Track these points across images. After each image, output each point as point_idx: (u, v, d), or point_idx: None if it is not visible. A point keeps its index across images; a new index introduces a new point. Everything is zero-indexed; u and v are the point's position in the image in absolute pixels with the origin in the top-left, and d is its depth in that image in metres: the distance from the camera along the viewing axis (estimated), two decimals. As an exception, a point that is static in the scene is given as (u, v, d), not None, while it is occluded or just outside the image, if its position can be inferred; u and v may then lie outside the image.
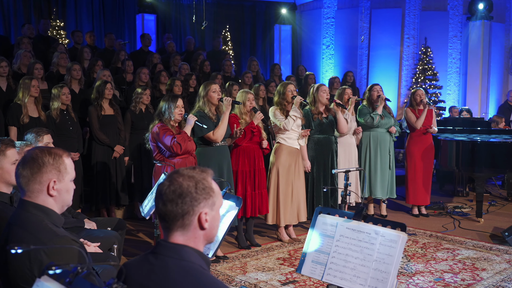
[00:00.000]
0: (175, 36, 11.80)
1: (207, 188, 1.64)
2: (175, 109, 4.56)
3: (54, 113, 5.92)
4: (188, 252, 1.61)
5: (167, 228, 1.63)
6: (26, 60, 7.16)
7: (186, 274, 1.55)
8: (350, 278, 2.45)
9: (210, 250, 2.81)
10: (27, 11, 10.15)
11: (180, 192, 1.60)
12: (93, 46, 9.39)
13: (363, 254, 2.46)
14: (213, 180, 1.70)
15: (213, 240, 1.72)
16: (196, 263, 1.59)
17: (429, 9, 11.87)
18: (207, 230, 1.66)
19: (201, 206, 1.62)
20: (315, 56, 12.84)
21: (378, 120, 6.79)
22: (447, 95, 11.90)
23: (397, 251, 2.38)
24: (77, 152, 6.07)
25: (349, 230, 2.55)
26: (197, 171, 1.66)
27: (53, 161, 2.09)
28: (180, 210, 1.60)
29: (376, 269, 2.40)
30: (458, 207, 7.60)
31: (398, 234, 2.41)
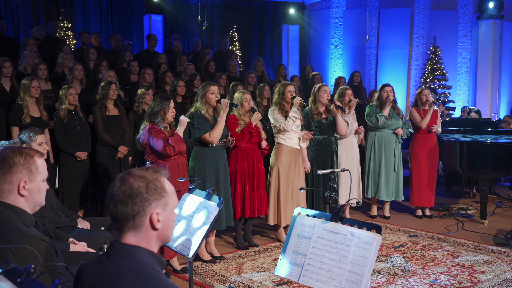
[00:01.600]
0: (183, 36, 11.84)
1: (158, 188, 1.64)
2: (168, 111, 4.56)
3: (62, 113, 5.97)
4: (139, 253, 1.61)
5: (119, 229, 1.64)
6: (32, 61, 7.24)
7: (136, 275, 1.55)
8: (325, 280, 2.44)
9: (190, 250, 2.82)
10: (35, 13, 10.27)
11: (130, 193, 1.60)
12: (99, 47, 9.47)
13: (339, 256, 2.44)
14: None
15: (169, 240, 1.72)
16: (147, 264, 1.58)
17: (439, 8, 11.74)
18: (160, 230, 1.65)
19: (152, 206, 1.62)
20: (323, 56, 12.79)
21: (384, 121, 6.74)
22: (456, 95, 11.76)
23: (372, 253, 2.36)
24: (85, 151, 6.12)
25: (326, 232, 2.53)
26: (149, 171, 1.66)
27: (24, 161, 2.10)
28: (130, 211, 1.60)
29: (351, 271, 2.38)
30: (463, 209, 7.51)
31: (373, 236, 2.39)
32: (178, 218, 3.12)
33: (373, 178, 6.90)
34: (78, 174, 6.08)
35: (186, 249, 2.87)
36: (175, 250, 2.96)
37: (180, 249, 2.91)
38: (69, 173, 6.03)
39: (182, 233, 2.98)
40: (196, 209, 2.99)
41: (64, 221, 4.08)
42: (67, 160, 6.01)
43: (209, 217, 2.85)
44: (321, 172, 3.45)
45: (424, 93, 6.96)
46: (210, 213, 2.86)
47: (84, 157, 6.05)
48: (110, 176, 6.42)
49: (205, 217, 2.86)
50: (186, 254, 2.85)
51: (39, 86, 5.95)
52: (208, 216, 2.85)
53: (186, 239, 2.91)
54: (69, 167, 6.03)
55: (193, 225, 2.93)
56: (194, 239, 2.84)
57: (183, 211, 3.08)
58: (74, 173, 6.05)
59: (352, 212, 7.25)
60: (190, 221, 2.96)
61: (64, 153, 6.01)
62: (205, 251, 5.21)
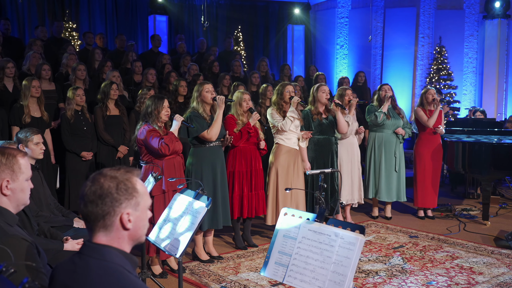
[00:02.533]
0: (188, 37, 11.88)
1: (129, 188, 1.64)
2: (162, 110, 4.57)
3: (69, 113, 6.01)
4: (110, 252, 1.62)
5: (90, 228, 1.65)
6: (35, 61, 7.29)
7: (105, 275, 1.55)
8: (309, 280, 2.44)
9: (178, 250, 2.83)
10: (41, 14, 10.35)
11: (101, 193, 1.61)
12: (103, 47, 9.52)
13: (323, 256, 2.44)
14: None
15: (141, 240, 1.73)
16: (117, 264, 1.59)
17: (445, 8, 11.66)
18: (131, 230, 1.66)
19: (122, 206, 1.62)
20: (329, 56, 12.76)
21: (383, 118, 6.70)
22: (463, 95, 11.67)
23: (355, 253, 2.35)
24: (91, 151, 6.17)
25: (311, 232, 2.53)
26: (121, 171, 1.67)
27: (6, 161, 2.12)
28: (100, 211, 1.61)
29: (334, 271, 2.38)
30: (466, 210, 7.46)
31: (357, 237, 2.38)
32: (167, 218, 3.13)
33: (373, 178, 6.87)
34: (83, 174, 6.12)
35: (174, 248, 2.88)
36: (164, 250, 2.97)
37: (169, 248, 2.93)
38: (74, 173, 6.07)
39: (171, 232, 2.99)
40: (185, 209, 3.00)
41: (60, 220, 4.11)
42: (73, 160, 6.05)
43: (197, 217, 2.85)
44: (310, 172, 3.45)
45: (430, 92, 6.91)
46: (198, 213, 2.87)
47: (90, 157, 6.10)
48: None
49: (194, 217, 2.87)
50: (174, 254, 2.86)
51: (40, 86, 5.99)
52: (196, 216, 2.86)
53: (175, 238, 2.92)
54: (74, 167, 6.08)
55: (181, 225, 2.94)
56: (182, 239, 2.85)
57: (173, 211, 3.09)
58: (79, 173, 6.09)
59: (354, 213, 7.22)
60: (179, 220, 2.98)
61: (70, 153, 6.06)
62: (203, 251, 5.23)
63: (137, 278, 1.61)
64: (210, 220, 5.04)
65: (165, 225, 3.08)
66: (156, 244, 3.07)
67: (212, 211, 5.03)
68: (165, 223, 3.10)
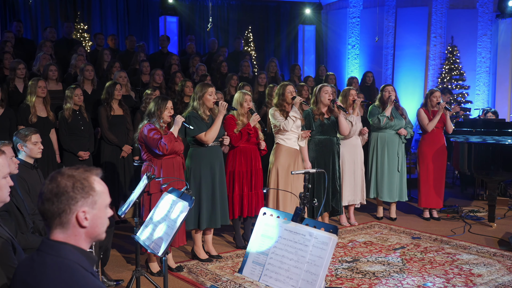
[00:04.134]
0: (199, 38, 11.95)
1: (86, 187, 1.68)
2: (165, 111, 4.64)
3: (67, 113, 6.11)
4: (66, 249, 1.66)
5: (47, 226, 1.69)
6: (45, 62, 7.42)
7: (59, 271, 1.60)
8: (283, 279, 2.46)
9: (160, 248, 2.87)
10: (53, 15, 10.52)
11: (57, 191, 1.65)
12: (114, 48, 9.64)
13: (297, 256, 2.46)
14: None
15: (101, 237, 1.76)
16: (72, 261, 1.63)
17: (457, 7, 11.53)
18: (88, 228, 1.70)
19: (78, 205, 1.66)
20: (340, 56, 12.72)
21: (386, 122, 6.68)
22: (475, 96, 11.53)
23: (327, 253, 2.36)
24: (88, 151, 6.25)
25: (287, 232, 2.55)
26: (79, 170, 1.71)
27: (-18, 160, 2.18)
28: (56, 209, 1.65)
29: (307, 270, 2.39)
30: (473, 211, 7.38)
31: (330, 237, 2.39)
32: (152, 217, 3.17)
33: (375, 179, 6.84)
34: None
35: (157, 247, 2.92)
36: (148, 249, 3.01)
37: (152, 247, 2.97)
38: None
39: (156, 231, 3.04)
40: (169, 208, 3.04)
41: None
42: (71, 159, 6.14)
43: (180, 216, 2.89)
44: (295, 172, 3.46)
45: (435, 95, 6.84)
46: (182, 212, 2.91)
47: (87, 156, 6.18)
48: (114, 175, 6.55)
49: (177, 216, 2.91)
50: (157, 252, 2.91)
51: (46, 86, 6.10)
52: (179, 215, 2.90)
53: (159, 237, 2.96)
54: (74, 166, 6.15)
55: (165, 224, 2.98)
56: (165, 237, 2.89)
57: (159, 210, 3.14)
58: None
59: (358, 214, 7.20)
60: (164, 220, 3.02)
61: (68, 152, 6.15)
62: (202, 250, 5.27)
63: (92, 275, 1.65)
64: (209, 219, 5.08)
65: (150, 224, 3.13)
66: (140, 242, 3.12)
67: (211, 211, 5.07)
68: (150, 222, 3.14)
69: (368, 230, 6.44)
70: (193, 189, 5.02)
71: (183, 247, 5.53)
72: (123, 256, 5.43)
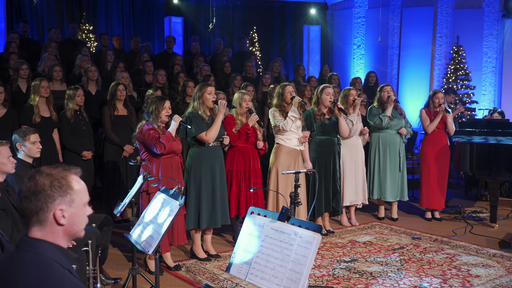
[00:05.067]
0: (204, 38, 12.00)
1: (64, 186, 1.72)
2: (162, 111, 4.68)
3: (69, 113, 6.17)
4: (44, 246, 1.69)
5: (26, 223, 1.73)
6: (49, 63, 7.50)
7: (36, 267, 1.63)
8: (269, 278, 2.48)
9: (151, 246, 2.90)
10: (59, 16, 10.62)
11: (35, 190, 1.69)
12: (119, 49, 9.71)
13: (283, 255, 2.48)
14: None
15: (79, 235, 1.80)
16: (49, 257, 1.67)
17: (463, 7, 11.47)
18: (66, 226, 1.73)
19: (56, 203, 1.70)
20: (345, 56, 12.71)
21: (387, 122, 6.67)
22: (481, 96, 11.46)
23: (311, 252, 2.38)
24: (90, 150, 6.31)
25: (273, 231, 2.57)
26: (58, 169, 1.75)
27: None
28: (34, 207, 1.69)
29: (292, 269, 2.42)
30: (476, 212, 7.36)
31: (314, 236, 2.41)
32: (144, 216, 3.21)
33: (378, 179, 6.84)
34: (84, 173, 6.24)
35: (148, 245, 2.96)
36: (139, 248, 3.05)
37: (144, 246, 3.00)
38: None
39: (147, 230, 3.07)
40: (161, 207, 3.08)
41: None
42: (73, 159, 6.20)
43: (170, 215, 2.92)
44: (285, 172, 3.48)
45: (438, 96, 6.81)
46: (172, 211, 2.94)
47: (90, 156, 6.24)
48: (116, 174, 6.61)
49: (167, 215, 2.94)
50: (147, 251, 2.94)
51: (49, 86, 6.16)
52: (169, 214, 2.93)
53: (150, 236, 3.00)
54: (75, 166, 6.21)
55: (156, 223, 3.01)
56: (156, 236, 2.92)
57: (151, 209, 3.18)
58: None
59: (360, 214, 7.20)
60: (156, 218, 3.05)
61: (70, 152, 6.21)
62: (201, 249, 5.31)
63: (70, 272, 1.68)
64: (209, 219, 5.11)
65: (142, 223, 3.16)
66: (132, 241, 3.15)
67: (211, 210, 5.10)
68: (142, 221, 3.18)
69: (369, 230, 6.44)
70: (193, 189, 5.06)
71: (183, 246, 5.57)
72: (124, 254, 5.47)
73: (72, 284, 1.62)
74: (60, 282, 1.60)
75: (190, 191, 5.05)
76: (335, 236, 6.15)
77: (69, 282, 1.62)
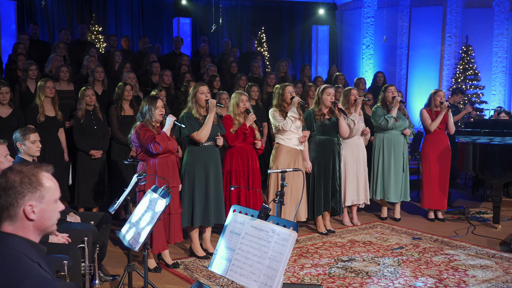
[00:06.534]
0: (213, 39, 12.08)
1: (34, 182, 1.79)
2: (155, 110, 4.74)
3: (80, 113, 6.30)
4: (14, 240, 1.77)
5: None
6: (57, 64, 7.63)
7: (4, 260, 1.71)
8: (247, 274, 2.53)
9: (138, 243, 2.97)
10: (69, 17, 10.79)
11: (5, 186, 1.76)
12: (128, 50, 9.84)
13: (261, 252, 2.53)
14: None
15: (49, 230, 1.87)
16: (18, 251, 1.74)
17: (473, 6, 11.40)
18: (36, 221, 1.81)
19: (26, 199, 1.78)
20: (354, 56, 12.70)
21: (393, 123, 6.68)
22: (491, 96, 11.37)
23: (287, 249, 2.43)
24: (101, 150, 6.42)
25: (253, 228, 2.62)
26: (29, 167, 1.82)
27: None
28: (4, 202, 1.76)
29: (269, 266, 2.47)
30: (480, 213, 7.32)
31: (290, 233, 2.46)
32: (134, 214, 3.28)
33: (382, 180, 6.84)
34: (94, 171, 6.38)
35: (135, 242, 3.03)
36: (126, 244, 3.12)
37: (131, 242, 3.08)
38: (85, 170, 6.35)
39: (136, 227, 3.14)
40: (148, 204, 3.15)
41: (54, 214, 4.33)
42: (84, 158, 6.32)
43: (157, 212, 2.99)
44: (271, 171, 3.52)
45: (439, 95, 6.81)
46: (158, 209, 3.01)
47: (99, 155, 6.34)
48: (122, 173, 6.71)
49: (154, 212, 3.01)
50: (134, 247, 3.01)
51: (54, 86, 6.28)
52: (156, 212, 3.00)
53: (137, 233, 3.07)
54: (85, 165, 6.34)
55: (144, 220, 3.09)
56: (143, 233, 2.99)
57: (140, 207, 3.25)
58: (90, 171, 6.36)
59: (362, 214, 7.22)
60: (143, 216, 3.12)
61: (81, 152, 6.34)
62: (199, 247, 5.37)
63: (39, 265, 1.75)
64: (202, 217, 5.18)
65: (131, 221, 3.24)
66: (120, 237, 3.23)
67: (204, 209, 5.16)
68: (132, 219, 3.25)
69: (370, 230, 6.45)
70: (188, 187, 5.13)
71: (183, 245, 5.64)
72: (124, 252, 5.56)
73: (39, 277, 1.69)
74: (26, 274, 1.67)
75: (184, 189, 5.12)
76: (335, 235, 6.18)
77: (36, 275, 1.69)
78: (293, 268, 4.99)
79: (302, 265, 5.08)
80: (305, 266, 5.06)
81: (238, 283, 2.51)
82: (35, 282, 1.66)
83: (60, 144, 6.34)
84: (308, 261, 5.20)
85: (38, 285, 1.67)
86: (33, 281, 1.66)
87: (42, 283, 1.68)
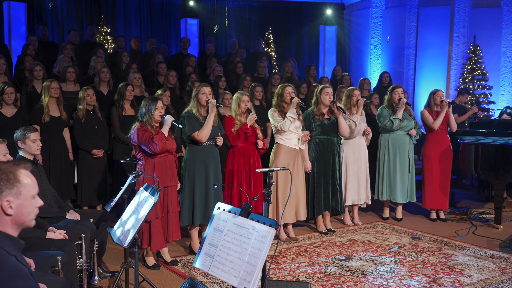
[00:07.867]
0: (220, 39, 12.16)
1: (11, 179, 1.88)
2: (155, 111, 4.82)
3: (80, 113, 6.41)
4: None
5: (-24, 213, 1.90)
6: (64, 64, 7.77)
7: None
8: (228, 270, 2.60)
9: (127, 239, 3.05)
10: (79, 18, 10.96)
11: None
12: (136, 50, 9.97)
13: (241, 248, 2.60)
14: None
15: (28, 224, 1.96)
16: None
17: (481, 6, 11.34)
18: (14, 216, 1.90)
19: (3, 195, 1.87)
20: (362, 56, 12.70)
21: (398, 124, 6.69)
22: (500, 96, 11.29)
23: (266, 246, 2.49)
24: (102, 149, 6.53)
25: (234, 225, 2.69)
26: (8, 164, 1.91)
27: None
28: None
29: (248, 262, 2.53)
30: (484, 213, 7.30)
31: (269, 230, 2.52)
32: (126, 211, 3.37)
33: (388, 180, 6.85)
34: (96, 170, 6.50)
35: (125, 238, 3.11)
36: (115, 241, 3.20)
37: (121, 239, 3.16)
38: (87, 169, 6.46)
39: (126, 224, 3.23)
40: (139, 202, 3.23)
41: (53, 212, 4.44)
42: (86, 157, 6.44)
43: (145, 210, 3.07)
44: (259, 170, 3.57)
45: (439, 94, 6.83)
46: (147, 206, 3.09)
47: (100, 154, 6.45)
48: (124, 172, 6.81)
49: (143, 209, 3.09)
50: (123, 244, 3.10)
51: (59, 87, 6.40)
52: (145, 209, 3.08)
53: (127, 230, 3.15)
54: (87, 164, 6.46)
55: (133, 217, 3.17)
56: (132, 230, 3.08)
57: (131, 205, 3.33)
58: (92, 170, 6.47)
59: (364, 214, 7.24)
60: (134, 213, 3.21)
61: (82, 151, 6.45)
62: (198, 245, 5.45)
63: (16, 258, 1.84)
64: (202, 216, 5.25)
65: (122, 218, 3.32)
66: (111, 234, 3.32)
67: (204, 208, 5.24)
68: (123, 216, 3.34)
69: (370, 229, 6.48)
70: (188, 185, 5.21)
71: (183, 243, 5.73)
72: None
73: (14, 269, 1.78)
74: (2, 266, 1.76)
75: (185, 188, 5.21)
76: (335, 235, 6.22)
77: (11, 267, 1.78)
78: (289, 266, 5.05)
79: (299, 264, 5.13)
80: (302, 264, 5.11)
81: (219, 279, 2.58)
82: (10, 274, 1.75)
83: (65, 144, 6.47)
84: (306, 260, 5.25)
85: (13, 277, 1.75)
86: (9, 273, 1.75)
87: (17, 274, 1.77)
